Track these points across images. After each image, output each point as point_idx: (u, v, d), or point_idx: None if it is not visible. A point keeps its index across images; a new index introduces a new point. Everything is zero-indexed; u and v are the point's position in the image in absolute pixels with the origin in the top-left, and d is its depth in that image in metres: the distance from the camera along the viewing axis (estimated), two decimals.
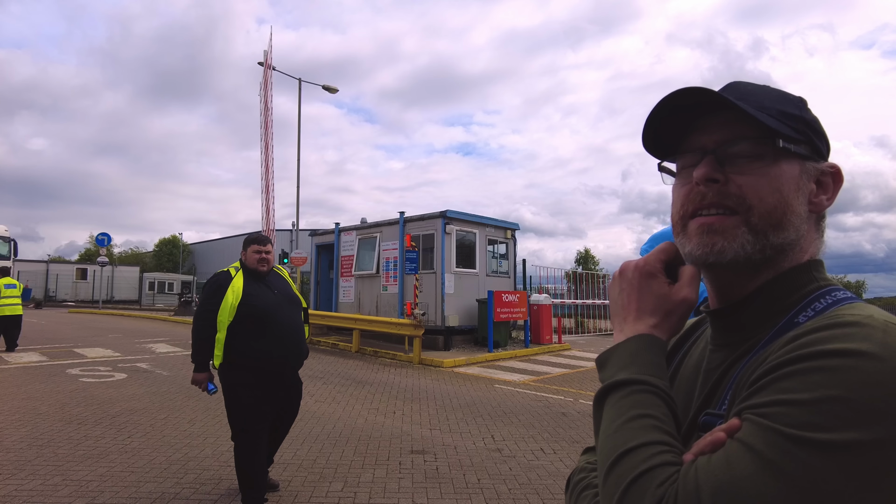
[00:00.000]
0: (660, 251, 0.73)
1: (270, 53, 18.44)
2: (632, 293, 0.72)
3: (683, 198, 0.70)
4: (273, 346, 3.54)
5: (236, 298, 3.49)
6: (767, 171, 0.66)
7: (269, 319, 3.55)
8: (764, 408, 0.53)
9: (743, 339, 0.68)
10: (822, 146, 0.70)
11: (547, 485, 4.13)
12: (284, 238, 25.93)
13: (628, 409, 0.62)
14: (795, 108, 0.69)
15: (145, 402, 6.61)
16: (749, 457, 0.50)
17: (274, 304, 3.62)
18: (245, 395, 3.49)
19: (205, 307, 3.54)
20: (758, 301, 0.68)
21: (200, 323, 3.55)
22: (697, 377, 0.74)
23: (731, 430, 0.54)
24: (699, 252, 0.67)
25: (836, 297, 0.64)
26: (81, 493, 3.75)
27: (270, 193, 18.26)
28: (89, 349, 11.36)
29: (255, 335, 3.50)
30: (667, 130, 0.74)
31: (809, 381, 0.51)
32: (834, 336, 0.54)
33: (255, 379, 3.51)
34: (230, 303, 3.47)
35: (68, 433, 5.17)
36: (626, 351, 0.68)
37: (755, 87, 0.71)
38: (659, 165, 0.78)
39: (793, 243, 0.67)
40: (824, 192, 0.70)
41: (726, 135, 0.68)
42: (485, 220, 13.59)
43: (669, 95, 0.69)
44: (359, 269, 14.25)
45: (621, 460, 0.58)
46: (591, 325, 19.49)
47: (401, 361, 10.75)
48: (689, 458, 0.56)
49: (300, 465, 4.46)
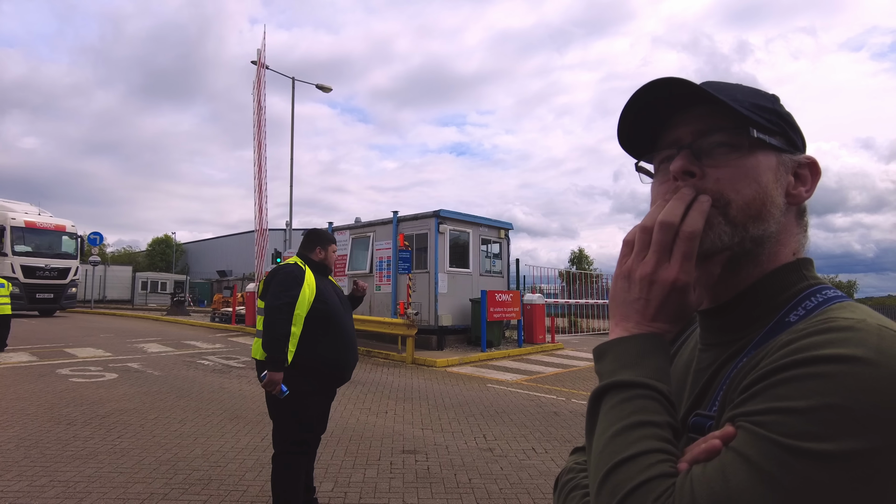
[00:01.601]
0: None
1: (264, 52, 18.35)
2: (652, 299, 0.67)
3: (661, 195, 0.69)
4: (340, 351, 3.32)
5: (311, 294, 3.26)
6: (744, 163, 0.65)
7: (337, 321, 3.34)
8: (759, 415, 0.51)
9: (733, 339, 0.67)
10: (797, 139, 0.70)
11: (538, 484, 4.13)
12: (278, 237, 25.84)
13: (629, 413, 0.58)
14: (768, 102, 0.69)
15: (136, 402, 6.57)
16: (745, 468, 0.49)
17: (339, 306, 3.43)
18: (314, 403, 3.25)
19: (282, 299, 3.16)
20: (747, 300, 0.67)
21: (280, 316, 3.14)
22: (687, 377, 0.73)
23: (726, 438, 0.53)
24: None
25: (826, 296, 0.63)
26: (69, 494, 3.72)
27: (263, 193, 18.16)
28: (80, 349, 11.28)
29: (323, 337, 3.27)
30: (643, 128, 0.73)
31: (805, 389, 0.50)
32: (828, 341, 0.52)
33: (321, 384, 3.29)
34: (307, 297, 3.23)
35: (57, 434, 5.12)
36: (634, 349, 0.63)
37: (728, 84, 0.71)
38: (636, 165, 0.77)
39: (772, 235, 0.66)
40: (802, 183, 0.69)
41: (701, 127, 0.68)
42: (478, 219, 13.59)
43: (640, 91, 0.68)
44: (352, 269, 14.22)
45: (618, 469, 0.55)
46: (584, 325, 19.53)
47: (394, 361, 10.73)
48: (684, 467, 0.54)
49: None
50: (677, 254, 0.63)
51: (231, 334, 15.88)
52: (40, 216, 21.79)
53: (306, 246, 3.54)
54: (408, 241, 12.45)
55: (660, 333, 0.64)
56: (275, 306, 3.16)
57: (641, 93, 0.68)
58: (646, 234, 0.66)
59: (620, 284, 0.67)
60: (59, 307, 21.43)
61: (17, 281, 18.90)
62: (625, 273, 0.67)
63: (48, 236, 21.36)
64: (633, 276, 0.66)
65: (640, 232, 0.67)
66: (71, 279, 21.68)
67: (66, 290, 21.50)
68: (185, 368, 9.25)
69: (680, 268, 0.63)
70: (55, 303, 21.13)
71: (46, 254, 20.96)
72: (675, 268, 0.63)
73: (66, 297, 21.56)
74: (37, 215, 21.73)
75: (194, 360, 10.30)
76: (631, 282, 0.66)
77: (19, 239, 20.20)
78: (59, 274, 21.11)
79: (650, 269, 0.64)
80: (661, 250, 0.64)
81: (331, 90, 20.41)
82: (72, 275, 21.73)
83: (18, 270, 19.72)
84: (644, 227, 0.67)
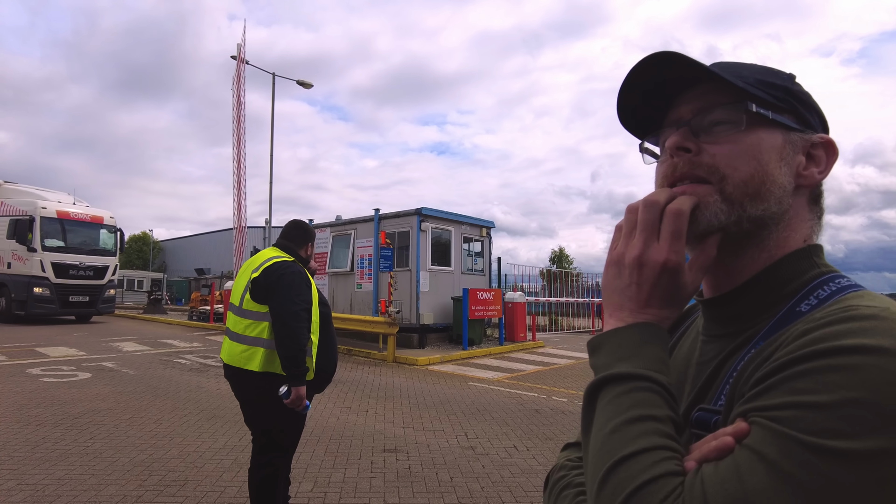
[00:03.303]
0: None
1: (244, 47, 18.11)
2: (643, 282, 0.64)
3: (661, 175, 0.67)
4: (334, 354, 3.12)
5: (316, 296, 3.00)
6: (743, 139, 0.63)
7: (330, 324, 3.12)
8: (775, 410, 0.48)
9: (739, 330, 0.64)
10: (811, 118, 0.66)
11: (520, 482, 4.12)
12: (257, 235, 25.53)
13: (628, 408, 0.55)
14: (779, 80, 0.66)
15: (110, 402, 6.41)
16: (763, 467, 0.45)
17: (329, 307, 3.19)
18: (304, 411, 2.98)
19: (299, 305, 2.81)
20: (755, 289, 0.64)
21: (300, 324, 2.79)
22: (688, 369, 0.69)
23: (739, 435, 0.49)
24: None
25: (839, 285, 0.60)
26: (38, 497, 3.60)
27: (242, 190, 17.93)
28: (52, 348, 11.00)
29: (321, 342, 3.03)
30: (648, 108, 0.71)
31: (827, 382, 0.46)
32: (850, 330, 0.49)
33: (313, 390, 3.05)
34: (315, 301, 2.96)
35: (25, 435, 4.97)
36: (630, 339, 0.60)
37: (739, 63, 0.68)
38: (640, 146, 0.75)
39: (776, 217, 0.63)
40: (816, 165, 0.65)
41: (702, 104, 0.65)
42: (460, 217, 13.58)
43: (640, 69, 0.66)
44: (333, 267, 14.11)
45: (619, 467, 0.51)
46: (564, 323, 19.65)
47: (375, 359, 10.66)
48: (692, 466, 0.50)
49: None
50: (665, 232, 0.61)
51: (209, 333, 15.63)
52: (75, 205, 18.37)
53: (297, 240, 3.18)
54: (389, 238, 12.39)
55: (656, 322, 0.61)
56: (293, 312, 2.78)
57: (640, 70, 0.66)
58: (632, 215, 0.63)
59: (611, 271, 0.64)
60: (95, 311, 18.02)
61: (47, 281, 16.30)
62: (615, 259, 0.64)
63: (83, 229, 17.90)
64: (623, 260, 0.63)
65: (627, 213, 0.64)
66: (109, 279, 18.20)
67: (104, 291, 17.99)
68: (162, 367, 9.07)
69: (669, 247, 0.60)
70: (91, 306, 17.70)
71: (81, 249, 17.54)
72: (664, 247, 0.60)
73: (103, 301, 17.98)
74: (71, 205, 18.21)
75: (171, 358, 10.11)
76: (621, 267, 0.63)
77: (51, 232, 16.79)
78: (95, 273, 17.64)
79: (638, 251, 0.61)
80: (647, 229, 0.61)
81: (312, 86, 20.23)
82: (110, 274, 18.25)
83: (49, 269, 16.40)
84: (631, 208, 0.64)
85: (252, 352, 2.83)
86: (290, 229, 3.23)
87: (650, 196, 0.63)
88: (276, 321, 2.78)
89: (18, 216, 16.70)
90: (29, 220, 16.42)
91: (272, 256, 2.99)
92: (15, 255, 16.54)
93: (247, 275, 2.98)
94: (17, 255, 16.49)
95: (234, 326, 2.93)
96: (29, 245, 16.23)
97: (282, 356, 2.75)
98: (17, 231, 16.47)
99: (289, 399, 2.75)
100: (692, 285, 0.63)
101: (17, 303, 16.13)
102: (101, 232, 18.44)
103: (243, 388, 2.92)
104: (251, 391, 2.89)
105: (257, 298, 2.88)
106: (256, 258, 3.05)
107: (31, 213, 16.61)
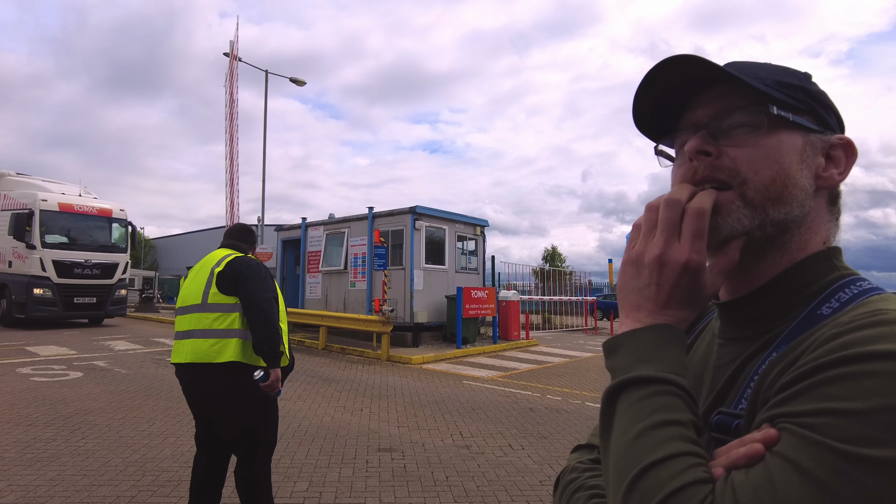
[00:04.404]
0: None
1: (237, 44, 18.02)
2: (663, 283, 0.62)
3: (680, 178, 0.66)
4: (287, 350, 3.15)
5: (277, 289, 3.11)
6: (764, 142, 0.62)
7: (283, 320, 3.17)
8: (807, 417, 0.47)
9: (759, 333, 0.63)
10: (829, 118, 0.66)
11: (515, 481, 4.12)
12: None
13: (651, 412, 0.53)
14: (796, 80, 0.65)
15: (101, 401, 6.36)
16: (797, 477, 0.44)
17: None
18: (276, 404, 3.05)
19: (269, 293, 2.92)
20: (775, 291, 0.63)
21: (273, 309, 2.88)
22: (705, 372, 0.69)
23: (769, 442, 0.48)
24: None
25: (861, 288, 0.59)
26: (30, 498, 3.57)
27: (235, 187, 17.86)
28: (42, 347, 10.89)
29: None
30: (662, 110, 0.70)
31: (860, 388, 0.45)
32: (882, 335, 0.47)
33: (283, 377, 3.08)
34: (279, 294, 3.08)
35: (16, 435, 4.92)
36: (649, 341, 0.59)
37: (754, 63, 0.68)
38: (655, 148, 0.74)
39: (798, 220, 0.62)
40: (835, 166, 0.65)
41: (720, 107, 0.64)
42: (454, 216, 13.58)
43: (655, 72, 0.65)
44: (326, 265, 14.07)
45: (646, 474, 0.50)
46: (557, 322, 19.70)
47: (368, 358, 10.65)
48: (720, 473, 0.49)
49: None
50: (686, 232, 0.60)
51: None
52: (81, 197, 16.35)
53: (248, 241, 3.29)
54: (383, 237, 12.36)
55: (675, 323, 0.60)
56: (266, 298, 2.87)
57: (657, 73, 0.65)
58: (653, 214, 0.62)
59: (629, 271, 0.63)
60: (104, 314, 16.18)
61: (48, 282, 14.50)
62: (633, 258, 0.63)
63: (89, 223, 15.87)
64: (642, 259, 0.61)
65: (647, 212, 0.63)
66: (119, 278, 16.28)
67: (113, 291, 16.09)
68: (154, 366, 9.00)
69: (691, 247, 0.59)
70: (99, 308, 15.82)
71: (87, 246, 15.61)
72: (685, 247, 0.59)
73: (113, 302, 16.09)
74: (77, 197, 16.24)
75: (163, 357, 10.04)
76: (640, 266, 0.62)
77: (52, 227, 14.94)
78: (103, 272, 15.72)
79: (659, 251, 0.60)
80: (668, 228, 0.60)
81: (305, 84, 20.13)
82: (120, 272, 16.30)
83: (50, 267, 14.55)
84: (650, 207, 0.63)
85: (223, 343, 2.84)
86: (242, 231, 3.33)
87: (671, 194, 0.62)
88: (250, 307, 2.84)
89: (18, 210, 14.92)
90: (27, 213, 14.60)
91: (230, 254, 3.07)
92: (15, 253, 14.87)
93: (204, 274, 3.00)
94: (17, 252, 14.81)
95: (196, 324, 2.92)
96: (27, 241, 14.48)
97: (259, 340, 2.80)
98: (14, 226, 14.68)
99: (266, 382, 2.78)
100: (712, 288, 0.62)
101: (17, 305, 14.49)
102: (109, 226, 16.35)
103: (208, 383, 2.88)
104: (216, 385, 2.86)
105: (225, 290, 2.91)
106: (211, 258, 3.08)
107: (30, 205, 14.72)
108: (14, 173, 16.82)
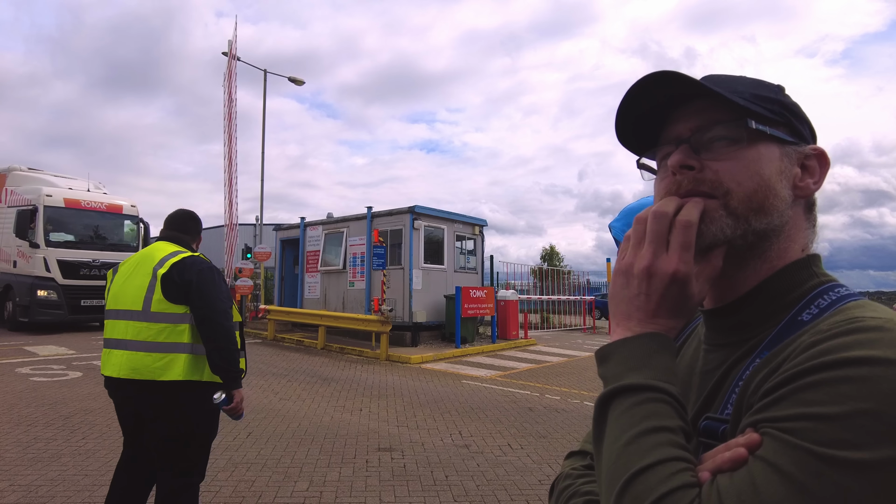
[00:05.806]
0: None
1: (235, 43, 17.98)
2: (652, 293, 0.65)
3: (663, 191, 0.68)
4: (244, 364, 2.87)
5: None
6: (744, 155, 0.64)
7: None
8: (787, 422, 0.49)
9: (743, 339, 0.65)
10: (803, 129, 0.69)
11: (514, 480, 4.14)
12: (248, 232, 25.37)
13: (641, 419, 0.56)
14: (771, 93, 0.68)
15: (101, 401, 6.36)
16: (777, 479, 0.47)
17: None
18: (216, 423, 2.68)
19: (226, 304, 2.56)
20: (757, 299, 0.65)
21: (230, 322, 2.54)
22: (692, 378, 0.71)
23: (752, 446, 0.50)
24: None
25: (839, 294, 0.62)
26: (31, 498, 3.58)
27: (234, 186, 17.80)
28: (41, 347, 10.88)
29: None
30: (644, 125, 0.72)
31: (836, 393, 0.48)
32: (858, 342, 0.50)
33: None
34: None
35: (16, 436, 4.93)
36: (639, 350, 0.61)
37: (730, 76, 0.70)
38: (637, 162, 0.76)
39: (777, 229, 0.65)
40: (810, 175, 0.68)
41: (700, 121, 0.67)
42: (453, 215, 13.59)
43: (636, 87, 0.67)
44: (325, 265, 14.07)
45: (636, 480, 0.52)
46: (556, 321, 19.74)
47: (367, 358, 10.66)
48: (706, 477, 0.52)
49: (264, 465, 4.36)
50: (675, 244, 0.62)
51: None
52: (90, 192, 15.09)
53: (192, 232, 2.82)
54: (382, 236, 12.37)
55: (664, 332, 0.62)
56: (223, 310, 2.52)
57: (638, 90, 0.67)
58: (641, 226, 0.65)
59: (619, 281, 0.66)
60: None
61: (53, 283, 13.22)
62: (623, 269, 0.65)
63: (98, 220, 14.58)
64: (632, 270, 0.64)
65: (636, 224, 0.65)
66: None
67: None
68: None
69: (679, 258, 0.61)
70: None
71: (95, 244, 14.27)
72: (674, 258, 0.62)
73: None
74: (85, 192, 14.95)
75: None
76: (629, 277, 0.64)
77: (57, 224, 13.67)
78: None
79: (647, 262, 0.62)
80: (657, 240, 0.63)
81: (303, 83, 20.11)
82: None
83: (55, 267, 13.31)
84: (639, 219, 0.65)
85: (170, 359, 2.46)
86: (185, 220, 2.83)
87: (659, 207, 0.64)
88: (206, 322, 2.48)
89: (23, 206, 13.79)
90: (31, 210, 13.37)
91: (174, 251, 2.64)
92: (20, 252, 13.69)
93: (144, 273, 2.57)
94: (21, 251, 13.63)
95: (136, 335, 2.49)
96: (31, 239, 13.25)
97: (217, 359, 2.47)
98: (17, 223, 13.62)
99: (230, 405, 2.51)
100: (699, 296, 0.64)
101: (20, 308, 13.29)
102: (119, 223, 15.05)
103: (151, 402, 2.51)
104: (163, 405, 2.49)
105: (173, 298, 2.50)
106: (150, 254, 2.66)
107: (33, 201, 13.46)
108: (25, 168, 15.79)
